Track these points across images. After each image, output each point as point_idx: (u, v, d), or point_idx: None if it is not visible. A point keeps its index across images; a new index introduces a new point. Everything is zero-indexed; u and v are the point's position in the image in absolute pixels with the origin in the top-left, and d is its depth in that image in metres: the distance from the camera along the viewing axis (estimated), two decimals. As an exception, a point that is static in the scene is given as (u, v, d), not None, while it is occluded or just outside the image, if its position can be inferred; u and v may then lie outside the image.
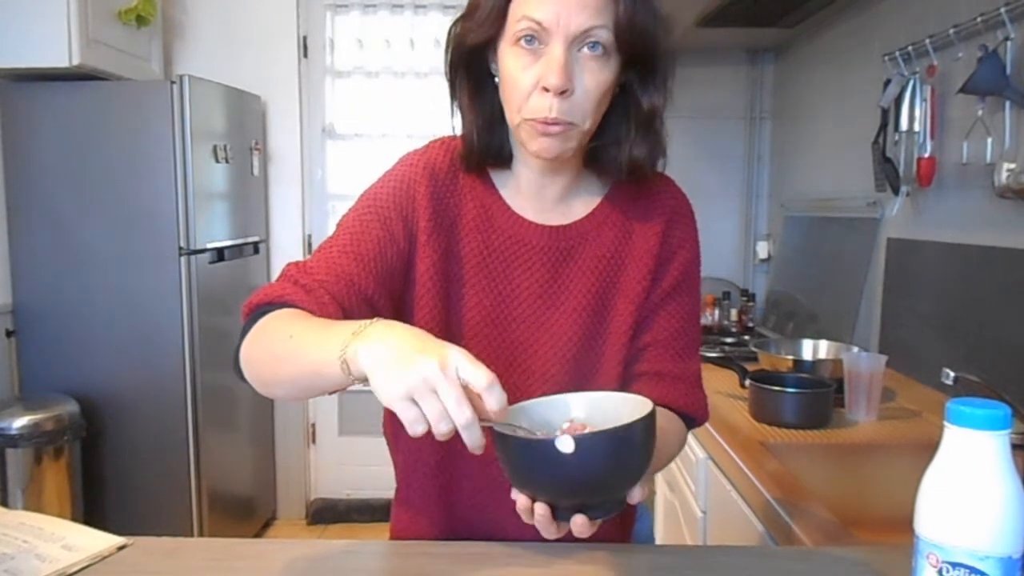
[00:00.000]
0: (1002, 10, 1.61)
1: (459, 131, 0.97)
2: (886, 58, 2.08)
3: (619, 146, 0.94)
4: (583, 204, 1.00)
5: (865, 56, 2.34)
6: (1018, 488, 0.69)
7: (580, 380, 0.97)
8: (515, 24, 0.86)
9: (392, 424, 1.04)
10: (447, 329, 0.95)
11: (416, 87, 3.27)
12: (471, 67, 0.93)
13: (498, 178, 0.98)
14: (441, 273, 0.94)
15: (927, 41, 1.89)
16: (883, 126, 2.08)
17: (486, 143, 0.94)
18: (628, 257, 0.99)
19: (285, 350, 0.78)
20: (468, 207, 0.96)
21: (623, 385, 0.98)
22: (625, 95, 0.92)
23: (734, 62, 3.27)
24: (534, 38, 0.85)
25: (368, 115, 3.30)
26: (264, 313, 0.85)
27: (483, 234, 0.96)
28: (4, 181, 2.62)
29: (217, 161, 2.79)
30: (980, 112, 1.69)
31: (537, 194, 0.98)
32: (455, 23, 0.93)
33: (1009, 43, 1.62)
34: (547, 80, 0.84)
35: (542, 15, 0.83)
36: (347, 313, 0.87)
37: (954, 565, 0.69)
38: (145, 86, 2.71)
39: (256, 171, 3.17)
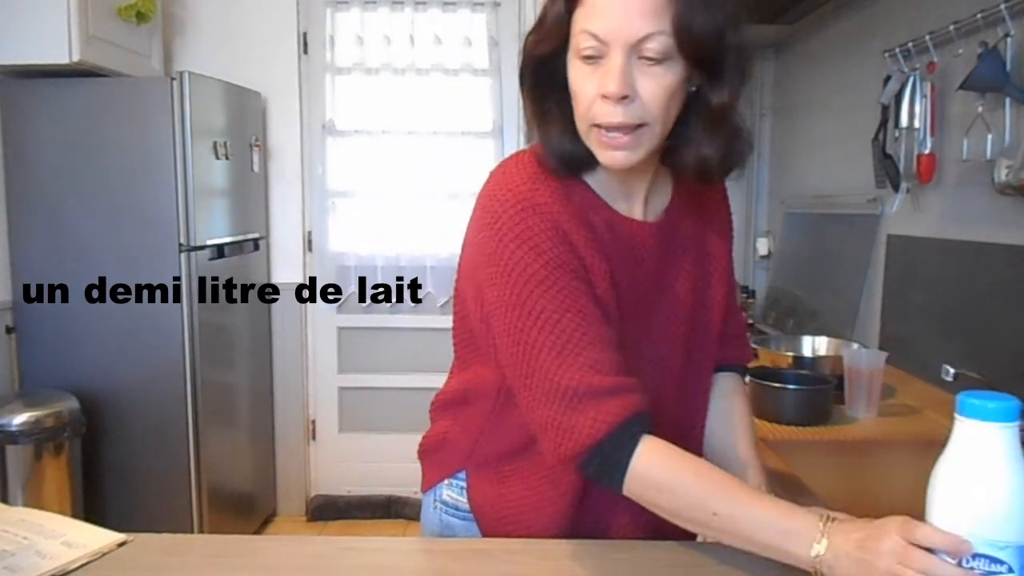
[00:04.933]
0: (1002, 7, 1.61)
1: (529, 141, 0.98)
2: (886, 54, 2.07)
3: (688, 146, 0.94)
4: (663, 196, 1.04)
5: (865, 52, 2.34)
6: None
7: (688, 359, 1.06)
8: (577, 37, 0.87)
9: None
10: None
11: (416, 84, 3.26)
12: (547, 76, 0.93)
13: (594, 182, 0.97)
14: (612, 286, 0.94)
15: (927, 37, 1.89)
16: (883, 122, 2.08)
17: (571, 149, 0.93)
18: (710, 236, 1.08)
19: (719, 526, 0.84)
20: (595, 220, 0.95)
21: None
22: (697, 95, 0.91)
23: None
24: (595, 56, 0.86)
25: (368, 112, 3.29)
26: (621, 438, 0.86)
27: (611, 244, 0.96)
28: (4, 177, 2.61)
29: (217, 158, 2.79)
30: (980, 109, 1.69)
31: (631, 193, 0.99)
32: (529, 34, 0.93)
33: (1009, 40, 1.62)
34: (606, 88, 0.85)
35: (600, 27, 0.84)
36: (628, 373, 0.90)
37: (975, 555, 0.70)
38: (145, 82, 2.71)
39: (256, 167, 3.17)
